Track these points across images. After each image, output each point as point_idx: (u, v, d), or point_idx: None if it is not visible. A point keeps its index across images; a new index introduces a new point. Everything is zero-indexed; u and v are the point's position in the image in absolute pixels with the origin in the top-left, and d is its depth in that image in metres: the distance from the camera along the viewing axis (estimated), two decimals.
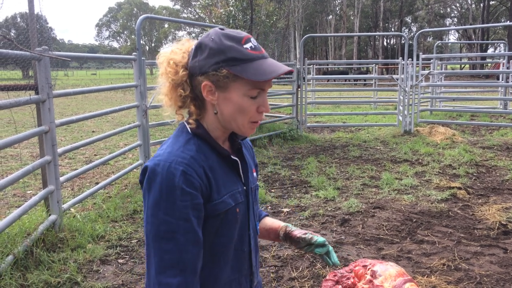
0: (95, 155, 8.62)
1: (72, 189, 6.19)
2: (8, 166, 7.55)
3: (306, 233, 1.55)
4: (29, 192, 6.09)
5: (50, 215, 4.20)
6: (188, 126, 1.32)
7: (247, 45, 1.23)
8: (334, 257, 1.55)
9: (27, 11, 4.24)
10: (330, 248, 1.55)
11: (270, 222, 1.64)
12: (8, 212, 5.09)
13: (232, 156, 1.34)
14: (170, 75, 1.28)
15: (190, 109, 1.31)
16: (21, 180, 5.39)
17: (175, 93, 1.29)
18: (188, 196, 1.19)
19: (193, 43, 1.31)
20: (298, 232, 1.56)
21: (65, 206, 4.50)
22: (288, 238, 1.57)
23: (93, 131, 11.66)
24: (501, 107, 14.08)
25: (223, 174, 1.31)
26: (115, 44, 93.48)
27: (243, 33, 1.27)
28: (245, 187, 1.38)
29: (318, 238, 1.54)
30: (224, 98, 1.25)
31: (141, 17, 6.28)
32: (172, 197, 1.18)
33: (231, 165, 1.35)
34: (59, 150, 4.40)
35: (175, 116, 1.33)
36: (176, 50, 1.31)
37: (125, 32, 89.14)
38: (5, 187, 3.55)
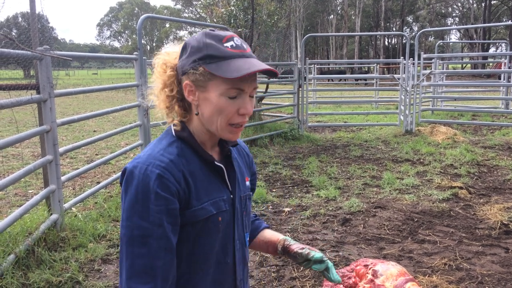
0: (96, 154, 8.63)
1: (73, 189, 6.19)
2: (9, 165, 7.56)
3: (303, 248, 1.46)
4: (30, 191, 6.10)
5: (51, 214, 4.21)
6: (173, 129, 1.29)
7: (228, 44, 1.20)
8: (334, 273, 1.46)
9: (29, 10, 4.24)
10: (330, 264, 1.47)
11: (270, 234, 1.57)
12: (9, 211, 5.10)
13: (216, 162, 1.29)
14: (159, 75, 1.27)
15: (175, 110, 1.28)
16: (22, 179, 5.40)
17: (163, 93, 1.27)
18: (163, 201, 1.16)
19: None
20: (296, 246, 1.48)
21: (66, 205, 4.51)
22: (286, 252, 1.50)
23: (94, 131, 11.67)
24: (502, 106, 14.06)
25: (206, 180, 1.27)
26: (116, 44, 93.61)
27: (229, 33, 1.23)
28: (231, 196, 1.33)
29: (316, 253, 1.45)
30: (204, 98, 1.22)
31: (142, 16, 6.29)
32: (147, 201, 1.15)
33: (216, 171, 1.30)
34: (61, 149, 4.41)
35: (166, 118, 1.31)
36: (170, 51, 1.30)
37: (126, 31, 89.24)
38: (6, 186, 3.56)
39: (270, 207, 5.41)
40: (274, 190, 6.12)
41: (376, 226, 4.72)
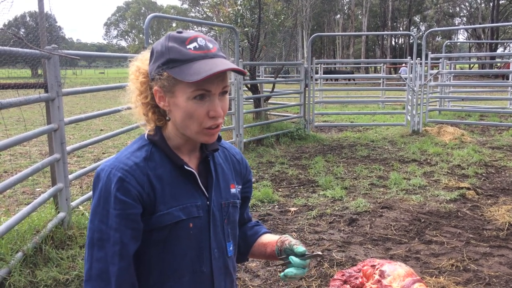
0: (103, 153, 8.66)
1: (80, 187, 6.22)
2: (17, 163, 7.62)
3: (293, 241, 1.37)
4: (38, 189, 6.14)
5: (59, 212, 4.23)
6: (146, 133, 1.28)
7: (191, 45, 1.16)
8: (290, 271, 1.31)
9: (37, 10, 4.27)
10: (302, 272, 1.32)
11: (270, 237, 1.50)
12: (17, 209, 5.13)
13: (186, 167, 1.24)
14: (133, 83, 1.26)
15: (149, 116, 1.26)
16: (30, 177, 5.43)
17: (139, 101, 1.25)
18: (121, 205, 1.14)
19: None
20: (289, 240, 1.39)
21: (73, 203, 4.53)
22: (281, 246, 1.39)
23: (101, 130, 11.72)
24: (510, 107, 13.96)
25: (176, 185, 1.23)
26: (123, 43, 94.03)
27: (193, 33, 1.19)
28: (208, 202, 1.28)
29: (301, 248, 1.34)
30: (173, 103, 1.19)
31: (149, 16, 6.31)
32: (107, 205, 1.14)
33: (189, 176, 1.26)
34: (68, 148, 4.43)
35: (147, 125, 1.28)
36: (144, 57, 1.27)
37: (133, 31, 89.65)
38: (14, 184, 3.58)
39: (276, 206, 5.41)
40: (280, 189, 6.12)
41: (383, 227, 4.70)
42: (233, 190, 1.37)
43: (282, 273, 1.32)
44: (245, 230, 1.54)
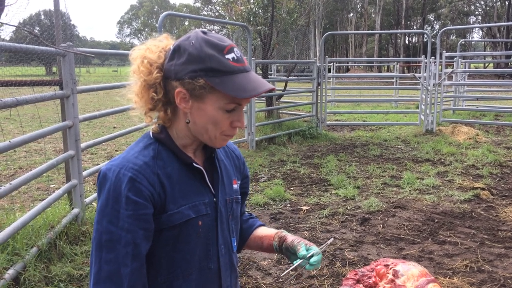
0: (116, 150, 8.73)
1: (94, 184, 6.28)
2: (32, 160, 7.71)
3: (299, 242, 1.36)
4: (52, 186, 6.21)
5: (73, 208, 4.28)
6: (151, 131, 1.25)
7: (229, 56, 1.14)
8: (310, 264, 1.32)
9: (51, 8, 4.31)
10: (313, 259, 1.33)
11: (266, 230, 1.51)
12: (32, 205, 5.19)
13: (194, 164, 1.23)
14: (142, 75, 1.19)
15: (160, 114, 1.22)
16: (44, 174, 5.49)
17: (147, 94, 1.19)
18: (133, 206, 1.12)
19: (171, 42, 1.22)
20: (291, 238, 1.39)
21: (87, 200, 4.57)
22: (281, 243, 1.40)
23: (114, 127, 11.82)
24: None
25: (184, 183, 1.22)
26: (136, 42, 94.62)
27: (227, 41, 1.17)
28: (214, 199, 1.28)
29: (301, 252, 1.33)
30: (198, 108, 1.17)
31: (163, 14, 6.34)
32: (117, 205, 1.12)
33: (196, 173, 1.25)
34: (82, 145, 4.47)
35: (144, 118, 1.24)
36: (152, 48, 1.21)
37: (146, 29, 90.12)
38: (29, 180, 3.62)
39: (288, 205, 5.40)
40: (292, 188, 6.11)
41: (396, 226, 4.67)
42: (235, 186, 1.38)
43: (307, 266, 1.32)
44: (240, 223, 1.53)
